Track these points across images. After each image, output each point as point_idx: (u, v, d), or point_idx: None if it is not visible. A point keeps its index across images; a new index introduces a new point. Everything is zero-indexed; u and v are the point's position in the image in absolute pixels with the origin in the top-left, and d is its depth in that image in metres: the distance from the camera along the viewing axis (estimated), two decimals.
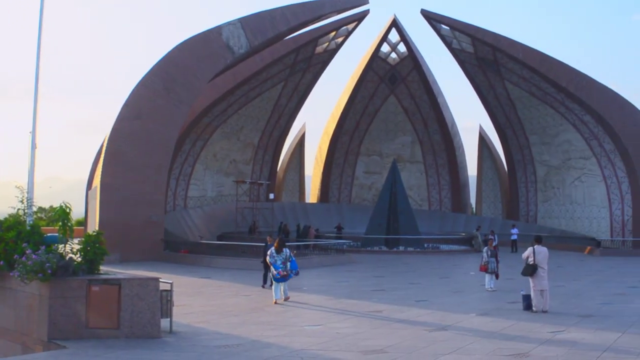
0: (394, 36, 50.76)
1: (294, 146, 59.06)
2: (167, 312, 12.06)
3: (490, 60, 45.71)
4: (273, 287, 16.84)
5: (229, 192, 48.12)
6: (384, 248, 39.61)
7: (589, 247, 39.40)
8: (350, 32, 46.94)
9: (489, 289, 19.08)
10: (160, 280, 12.17)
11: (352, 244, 38.29)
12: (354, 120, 55.02)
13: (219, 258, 28.99)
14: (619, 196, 43.56)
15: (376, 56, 51.43)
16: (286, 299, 16.58)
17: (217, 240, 37.19)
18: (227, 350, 10.55)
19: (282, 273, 16.49)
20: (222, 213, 45.30)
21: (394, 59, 52.46)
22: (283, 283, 16.64)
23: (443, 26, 45.33)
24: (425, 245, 41.10)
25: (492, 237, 31.62)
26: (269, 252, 17.10)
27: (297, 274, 17.15)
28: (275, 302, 16.38)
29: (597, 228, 45.27)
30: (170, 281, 12.56)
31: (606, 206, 44.70)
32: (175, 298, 12.61)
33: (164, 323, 11.91)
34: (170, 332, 11.94)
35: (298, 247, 31.15)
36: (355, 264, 29.55)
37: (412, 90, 53.45)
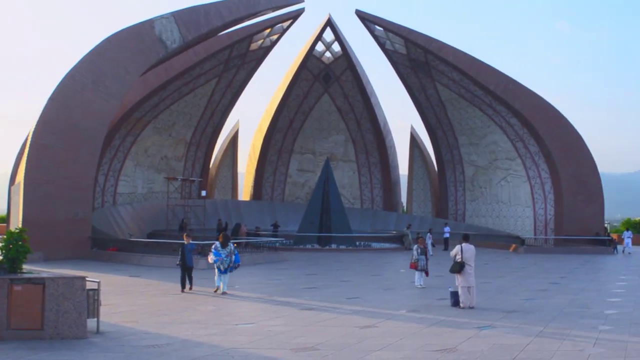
0: (328, 35, 51.05)
1: (227, 143, 58.53)
2: (94, 312, 11.74)
3: (422, 62, 46.65)
4: (215, 277, 17.98)
5: (160, 189, 47.23)
6: (317, 246, 39.84)
7: (513, 245, 40.80)
8: (285, 30, 46.90)
9: (419, 286, 19.46)
10: (87, 279, 11.82)
11: (284, 241, 38.31)
12: (287, 118, 55.03)
13: (148, 256, 28.44)
14: (542, 196, 45.31)
15: (311, 55, 51.59)
16: (223, 293, 17.53)
17: (147, 238, 36.45)
18: (156, 350, 10.36)
19: (220, 267, 17.77)
20: (152, 210, 44.42)
21: (328, 58, 52.76)
22: (225, 275, 17.85)
23: (377, 27, 45.93)
24: (357, 243, 41.56)
25: (428, 235, 33.14)
26: (213, 246, 18.32)
27: (237, 267, 18.50)
28: (216, 291, 17.72)
29: (521, 226, 46.95)
30: (98, 280, 12.23)
31: (530, 205, 46.41)
32: (102, 297, 12.29)
33: (91, 323, 11.59)
34: (97, 332, 11.63)
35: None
36: (287, 262, 29.58)
37: (346, 89, 53.92)
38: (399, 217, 53.37)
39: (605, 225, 48.59)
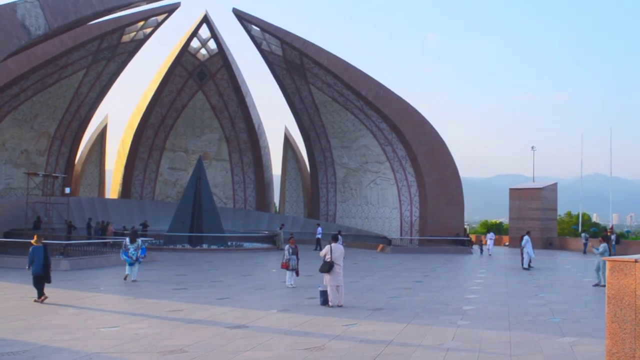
0: (204, 32, 50.35)
1: (94, 138, 56.12)
2: None
3: (298, 64, 47.21)
4: (126, 267, 20.96)
5: (19, 185, 44.32)
6: (188, 246, 39.13)
7: (381, 245, 42.31)
8: (159, 24, 45.66)
9: (289, 286, 19.68)
10: None
11: (154, 241, 37.29)
12: (160, 115, 53.62)
13: (4, 257, 26.56)
14: (409, 198, 47.39)
15: (185, 51, 50.62)
16: (133, 281, 20.29)
17: (4, 238, 34.02)
18: (11, 358, 9.70)
19: (133, 258, 20.80)
20: (10, 208, 41.52)
21: (203, 55, 52.03)
22: (134, 266, 20.79)
23: (254, 27, 45.91)
24: (229, 243, 41.31)
25: (340, 238, 34.30)
26: (124, 242, 21.36)
27: (144, 257, 21.73)
28: (126, 278, 20.56)
29: (389, 227, 48.82)
30: None
31: (397, 207, 48.38)
32: None
33: None
34: None
35: (89, 244, 29.59)
36: (157, 262, 28.80)
37: (221, 87, 53.42)
38: (272, 217, 53.67)
39: (465, 226, 51.61)
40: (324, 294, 15.83)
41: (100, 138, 56.75)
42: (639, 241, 47.96)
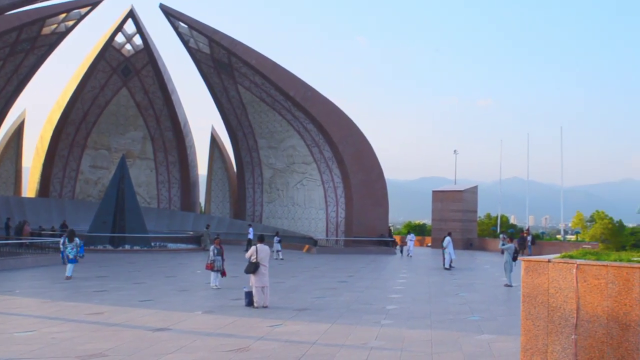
0: (130, 27, 49.17)
1: (10, 134, 53.73)
2: None
3: (225, 63, 46.79)
4: (67, 266, 22.24)
5: None
6: (109, 247, 38.09)
7: (307, 246, 42.51)
8: (82, 17, 44.20)
9: (214, 287, 19.50)
10: None
11: None
12: (81, 111, 51.92)
13: None
14: (335, 199, 47.81)
15: (110, 45, 49.24)
16: (68, 277, 21.40)
17: None
18: None
19: (69, 257, 22.37)
20: None
21: (128, 50, 50.78)
22: (73, 264, 22.12)
23: (181, 24, 45.18)
24: (153, 243, 40.50)
25: (276, 239, 34.65)
26: (61, 241, 23.95)
27: (82, 257, 24.00)
28: (67, 278, 21.34)
29: (315, 228, 49.10)
30: None
31: (323, 208, 48.73)
32: None
33: None
34: None
35: (5, 245, 28.35)
36: (76, 264, 27.85)
37: (146, 84, 52.29)
38: (197, 217, 52.98)
39: (390, 227, 52.50)
40: (249, 295, 15.78)
41: (17, 134, 54.43)
42: (553, 242, 50.18)
